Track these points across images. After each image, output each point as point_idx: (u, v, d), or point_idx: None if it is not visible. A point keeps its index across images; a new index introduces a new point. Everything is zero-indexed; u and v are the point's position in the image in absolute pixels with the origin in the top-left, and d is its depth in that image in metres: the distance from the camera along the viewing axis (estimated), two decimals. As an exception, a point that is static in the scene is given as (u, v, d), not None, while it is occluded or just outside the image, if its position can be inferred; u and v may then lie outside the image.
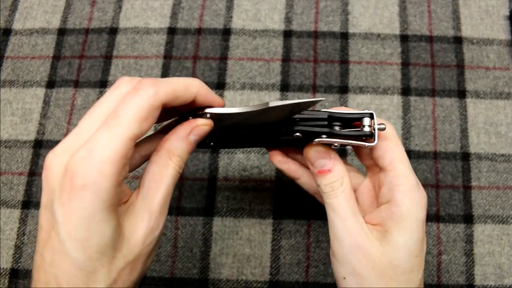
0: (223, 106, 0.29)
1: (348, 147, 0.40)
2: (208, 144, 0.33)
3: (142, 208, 0.24)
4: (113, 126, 0.22)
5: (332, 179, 0.28)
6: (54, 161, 0.22)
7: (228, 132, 0.31)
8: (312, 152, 0.29)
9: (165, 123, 0.30)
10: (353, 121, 0.29)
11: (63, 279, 0.21)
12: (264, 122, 0.28)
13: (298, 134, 0.28)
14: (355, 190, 0.30)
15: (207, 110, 0.27)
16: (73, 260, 0.21)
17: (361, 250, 0.26)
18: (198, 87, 0.26)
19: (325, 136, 0.28)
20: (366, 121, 0.28)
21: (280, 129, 0.29)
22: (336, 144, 0.29)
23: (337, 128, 0.28)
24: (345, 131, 0.28)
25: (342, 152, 0.43)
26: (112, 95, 0.24)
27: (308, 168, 0.31)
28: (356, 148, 0.31)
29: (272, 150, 0.33)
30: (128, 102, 0.22)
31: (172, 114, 0.29)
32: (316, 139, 0.29)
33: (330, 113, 0.28)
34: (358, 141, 0.28)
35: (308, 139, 0.29)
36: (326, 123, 0.28)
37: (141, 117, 0.22)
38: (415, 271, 0.26)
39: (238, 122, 0.28)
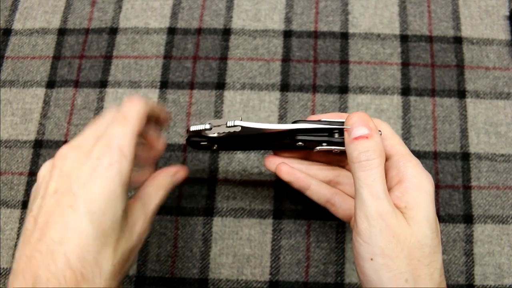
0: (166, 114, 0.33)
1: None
2: (211, 147, 0.34)
3: (140, 211, 0.29)
4: (124, 124, 0.27)
5: (370, 147, 0.27)
6: (71, 152, 0.26)
7: (235, 139, 0.32)
8: (353, 118, 0.28)
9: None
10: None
11: (75, 255, 0.23)
12: (272, 134, 0.31)
13: (300, 143, 0.31)
14: None
15: (237, 123, 0.31)
16: (89, 233, 0.24)
17: (391, 231, 0.25)
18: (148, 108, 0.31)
19: (325, 144, 0.30)
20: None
21: (285, 138, 0.31)
22: (336, 150, 0.30)
23: (336, 135, 0.30)
24: (342, 139, 0.29)
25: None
26: (107, 115, 0.29)
27: (309, 180, 0.33)
28: None
29: (279, 165, 0.34)
30: (130, 108, 0.28)
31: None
32: (317, 147, 0.30)
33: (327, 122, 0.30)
34: None
35: (309, 147, 0.31)
36: (326, 133, 0.30)
37: (141, 118, 0.28)
38: (438, 252, 0.26)
39: (252, 134, 0.31)
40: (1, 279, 0.40)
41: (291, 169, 0.33)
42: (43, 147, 0.44)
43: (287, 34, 0.47)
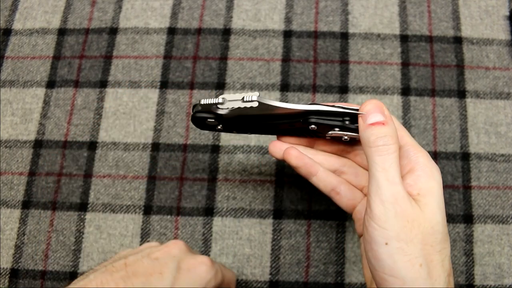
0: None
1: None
2: (215, 127, 0.33)
3: None
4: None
5: (387, 132, 0.27)
6: (177, 249, 0.31)
7: (244, 119, 0.32)
8: (369, 105, 0.28)
9: None
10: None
11: None
12: (286, 115, 0.31)
13: (313, 126, 0.30)
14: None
15: (254, 97, 0.29)
16: None
17: (406, 215, 0.25)
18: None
19: (338, 129, 0.30)
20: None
21: (297, 120, 0.31)
22: (346, 137, 0.31)
23: (347, 122, 0.30)
24: (355, 126, 0.29)
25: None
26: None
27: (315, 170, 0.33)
28: None
29: (288, 149, 0.33)
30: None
31: None
32: (329, 132, 0.30)
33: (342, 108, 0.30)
34: None
35: (321, 131, 0.31)
36: (339, 118, 0.30)
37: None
38: (447, 240, 0.26)
39: (267, 113, 0.30)
40: (1, 279, 0.40)
41: (301, 154, 0.33)
42: (43, 147, 0.44)
43: (287, 34, 0.47)
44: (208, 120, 0.32)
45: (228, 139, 0.44)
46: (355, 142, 0.33)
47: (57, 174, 0.43)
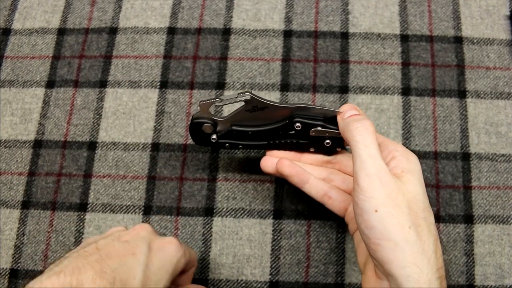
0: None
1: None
2: (209, 140, 0.36)
3: None
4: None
5: (363, 117, 0.31)
6: (144, 232, 0.31)
7: (238, 125, 0.36)
8: (345, 106, 0.33)
9: None
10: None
11: (118, 278, 0.28)
12: (274, 116, 0.35)
13: (298, 124, 0.34)
14: None
15: (248, 92, 0.33)
16: (137, 276, 0.28)
17: (391, 184, 0.28)
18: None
19: (320, 127, 0.34)
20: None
21: (284, 122, 0.35)
22: (328, 141, 0.35)
23: (328, 122, 0.34)
24: (335, 127, 0.34)
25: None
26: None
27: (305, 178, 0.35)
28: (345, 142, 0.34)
29: (281, 160, 0.35)
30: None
31: None
32: (312, 129, 0.34)
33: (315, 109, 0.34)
34: None
35: (305, 130, 0.34)
36: (321, 118, 0.34)
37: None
38: (430, 212, 0.29)
39: (257, 114, 0.34)
40: (1, 279, 0.40)
41: (292, 163, 0.35)
42: (42, 147, 0.44)
43: (287, 34, 0.47)
44: (205, 124, 0.35)
45: (228, 139, 0.44)
46: (336, 152, 0.37)
47: (56, 174, 0.43)
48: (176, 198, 0.42)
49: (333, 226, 0.41)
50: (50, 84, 0.46)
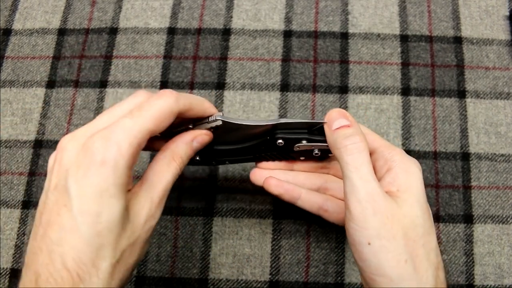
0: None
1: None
2: (193, 160, 0.33)
3: (144, 197, 0.26)
4: (136, 116, 0.25)
5: (353, 132, 0.27)
6: (71, 143, 0.25)
7: (219, 144, 0.32)
8: (333, 113, 0.29)
9: None
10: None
11: (70, 256, 0.22)
12: (253, 133, 0.31)
13: (280, 141, 0.31)
14: None
15: (218, 117, 0.29)
16: (83, 235, 0.23)
17: (385, 212, 0.25)
18: (210, 105, 0.30)
19: (305, 141, 0.31)
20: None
21: (264, 139, 0.31)
22: (316, 151, 0.32)
23: (314, 133, 0.30)
24: (323, 137, 0.30)
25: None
26: (129, 101, 0.27)
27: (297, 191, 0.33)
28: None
29: (267, 179, 0.33)
30: (152, 102, 0.26)
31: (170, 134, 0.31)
32: (297, 144, 0.31)
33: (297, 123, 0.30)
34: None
35: (289, 146, 0.31)
36: (306, 130, 0.30)
37: (160, 117, 0.25)
38: (432, 233, 0.26)
39: (234, 133, 0.30)
40: (1, 279, 0.40)
41: (280, 181, 0.33)
42: (43, 147, 0.44)
43: (287, 34, 0.47)
44: None
45: (228, 139, 0.44)
46: (331, 158, 0.34)
47: (57, 174, 0.43)
48: (176, 198, 0.42)
49: (333, 226, 0.41)
50: (51, 84, 0.46)
